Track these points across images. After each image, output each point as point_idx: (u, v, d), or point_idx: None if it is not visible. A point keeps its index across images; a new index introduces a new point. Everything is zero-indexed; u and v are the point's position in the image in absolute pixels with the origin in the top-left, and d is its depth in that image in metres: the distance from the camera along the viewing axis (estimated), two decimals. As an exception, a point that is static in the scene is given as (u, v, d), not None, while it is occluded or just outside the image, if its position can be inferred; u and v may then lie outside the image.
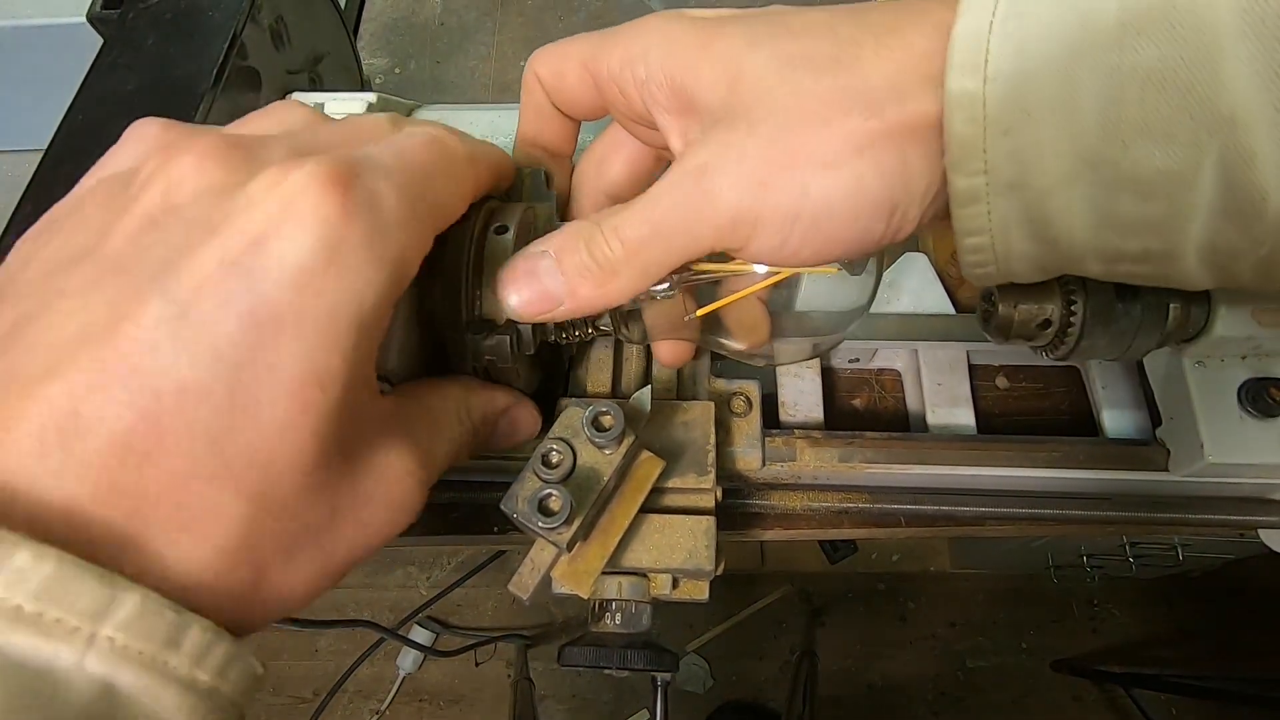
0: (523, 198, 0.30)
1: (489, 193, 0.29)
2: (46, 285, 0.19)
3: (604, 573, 0.31)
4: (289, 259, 0.18)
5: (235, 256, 0.18)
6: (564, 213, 0.33)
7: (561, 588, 0.31)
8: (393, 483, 0.23)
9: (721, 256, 0.26)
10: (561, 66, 0.28)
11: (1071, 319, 0.32)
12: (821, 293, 0.30)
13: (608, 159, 0.30)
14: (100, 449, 0.17)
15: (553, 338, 0.31)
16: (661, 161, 0.31)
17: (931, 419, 0.43)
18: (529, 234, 0.29)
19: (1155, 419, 0.41)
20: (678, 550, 0.32)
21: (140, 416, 0.17)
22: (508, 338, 0.28)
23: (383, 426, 0.23)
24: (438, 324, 0.28)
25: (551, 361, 0.37)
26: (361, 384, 0.21)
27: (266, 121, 0.25)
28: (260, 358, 0.18)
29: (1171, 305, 0.33)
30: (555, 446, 0.29)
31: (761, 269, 0.27)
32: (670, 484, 0.33)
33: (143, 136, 0.22)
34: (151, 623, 0.16)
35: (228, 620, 0.19)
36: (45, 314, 0.18)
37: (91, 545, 0.17)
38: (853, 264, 0.28)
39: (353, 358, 0.20)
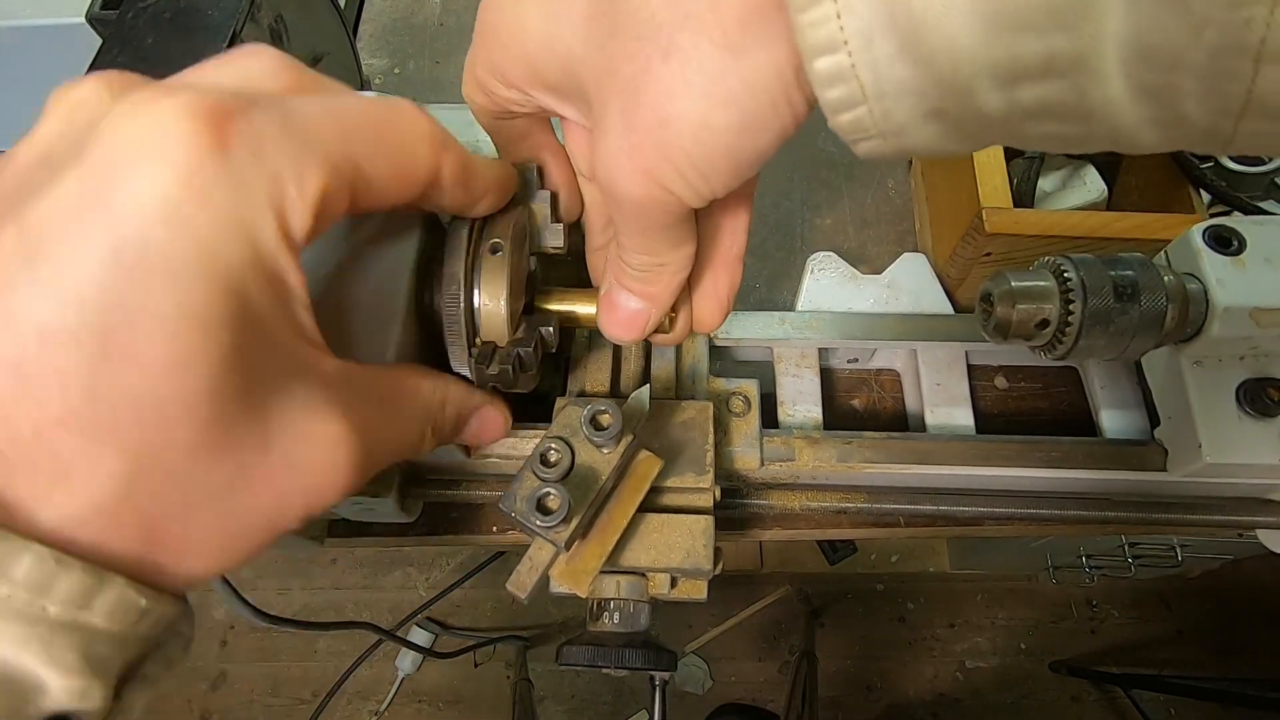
0: (516, 195, 0.30)
1: (478, 204, 0.28)
2: None
3: (602, 572, 0.31)
4: (150, 191, 0.17)
5: (96, 188, 0.17)
6: (568, 205, 0.32)
7: (560, 587, 0.31)
8: (318, 450, 0.21)
9: None
10: (466, 87, 0.28)
11: (1070, 319, 0.32)
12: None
13: (569, 146, 0.30)
14: None
15: (554, 349, 0.31)
16: None
17: (930, 419, 0.43)
18: (524, 240, 0.29)
19: (1153, 419, 0.41)
20: (676, 549, 0.32)
21: (2, 362, 0.16)
22: (509, 367, 0.28)
23: (318, 387, 0.21)
24: (435, 325, 0.28)
25: (549, 361, 0.37)
26: (277, 334, 0.20)
27: (222, 69, 0.23)
28: (130, 301, 0.16)
29: (1170, 305, 0.33)
30: (553, 445, 0.29)
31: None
32: (669, 483, 0.33)
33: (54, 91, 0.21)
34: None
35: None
36: None
37: None
38: None
39: (246, 303, 0.18)
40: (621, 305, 0.28)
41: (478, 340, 0.28)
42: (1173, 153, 0.46)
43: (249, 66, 0.22)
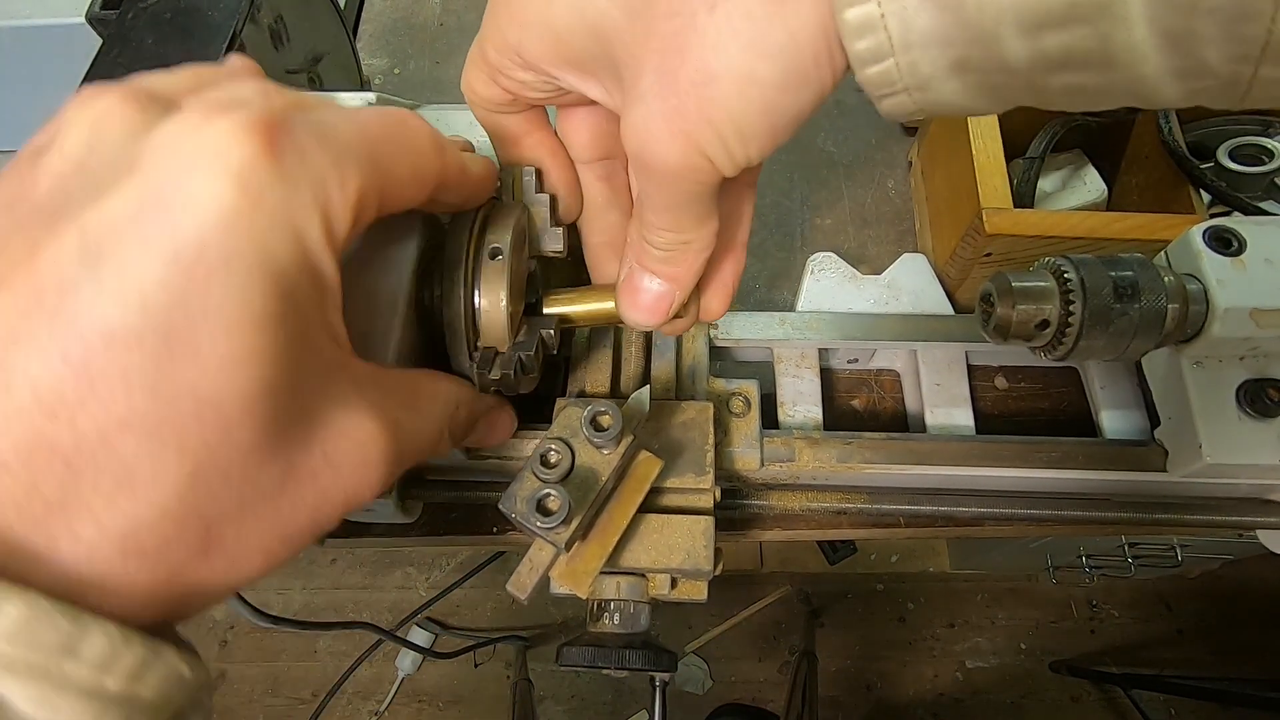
0: (514, 198, 0.30)
1: (470, 201, 0.28)
2: None
3: (602, 573, 0.31)
4: (209, 197, 0.17)
5: (155, 195, 0.17)
6: (567, 207, 0.32)
7: (560, 588, 0.31)
8: (356, 446, 0.22)
9: None
10: (468, 76, 0.27)
11: (1070, 319, 0.32)
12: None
13: (567, 134, 0.30)
14: (25, 403, 0.16)
15: (555, 351, 0.31)
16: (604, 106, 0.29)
17: (930, 419, 0.43)
18: (523, 242, 0.29)
19: (1154, 419, 0.41)
20: (676, 550, 0.32)
21: (67, 365, 0.16)
22: (512, 371, 0.28)
23: (351, 387, 0.22)
24: (435, 326, 0.28)
25: (549, 362, 0.37)
26: (317, 334, 0.20)
27: (226, 85, 0.24)
28: (192, 300, 0.17)
29: (1170, 306, 0.33)
30: (554, 446, 0.29)
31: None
32: (669, 484, 0.33)
33: (69, 102, 0.21)
34: (39, 631, 0.15)
35: (174, 592, 0.18)
36: None
37: (16, 508, 0.16)
38: None
39: (295, 302, 0.19)
40: (644, 288, 0.27)
41: (479, 344, 0.28)
42: (1173, 153, 0.46)
43: (250, 87, 0.23)
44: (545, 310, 0.31)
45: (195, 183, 0.18)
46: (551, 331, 0.30)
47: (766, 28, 0.19)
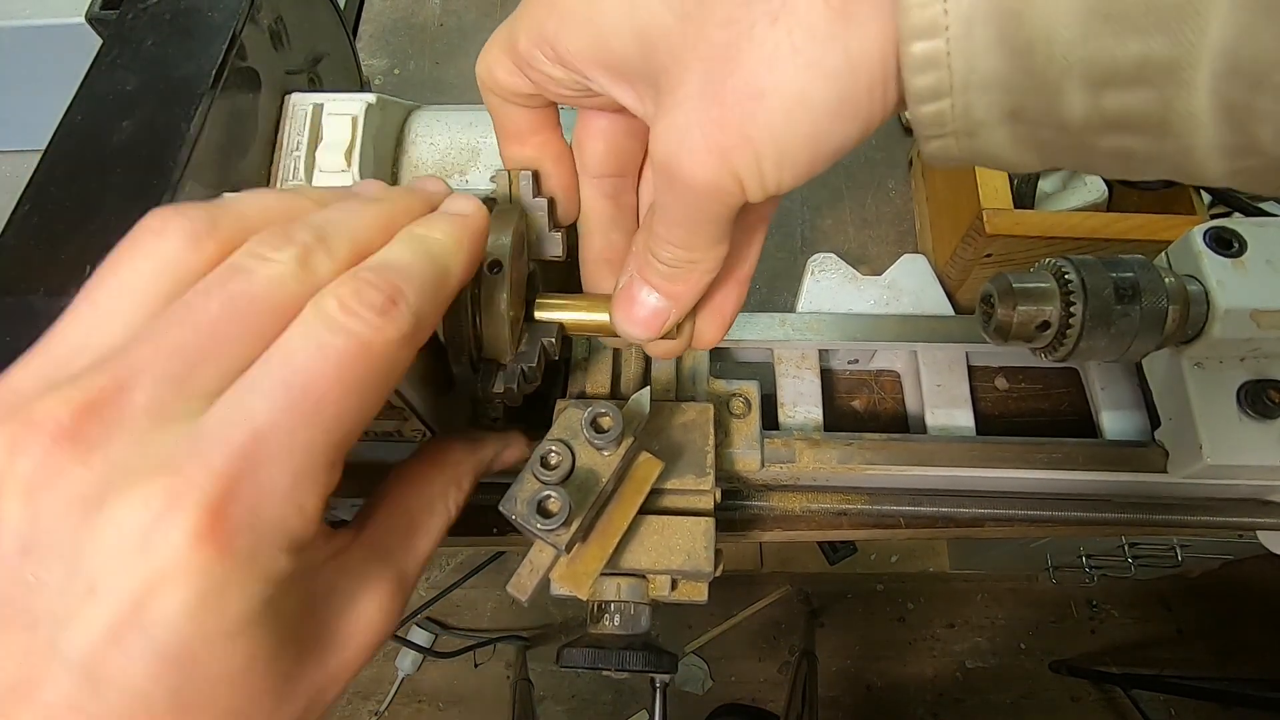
0: (511, 200, 0.30)
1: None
2: None
3: (603, 574, 0.31)
4: (175, 609, 0.17)
5: (124, 618, 0.17)
6: (565, 211, 0.32)
7: (560, 589, 0.31)
8: (367, 627, 0.22)
9: None
10: (490, 59, 0.26)
11: (1070, 321, 0.32)
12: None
13: (581, 142, 0.29)
14: None
15: (556, 357, 0.31)
16: (626, 119, 0.29)
17: (931, 420, 0.43)
18: (523, 248, 0.29)
19: (1154, 420, 0.41)
20: (676, 551, 0.32)
21: None
22: (514, 385, 0.28)
23: (347, 572, 0.22)
24: (436, 338, 0.28)
25: (550, 364, 0.37)
26: (313, 575, 0.21)
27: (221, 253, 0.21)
28: (191, 677, 0.18)
29: (1171, 307, 0.33)
30: (554, 448, 0.29)
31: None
32: (669, 485, 0.33)
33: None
34: None
35: None
36: None
37: None
38: None
39: (282, 599, 0.19)
40: (641, 301, 0.27)
41: (481, 357, 0.28)
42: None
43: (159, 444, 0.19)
44: (536, 315, 0.30)
45: (160, 601, 0.17)
46: (553, 340, 0.29)
47: (828, 48, 0.18)
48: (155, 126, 0.37)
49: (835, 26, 0.18)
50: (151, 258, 0.21)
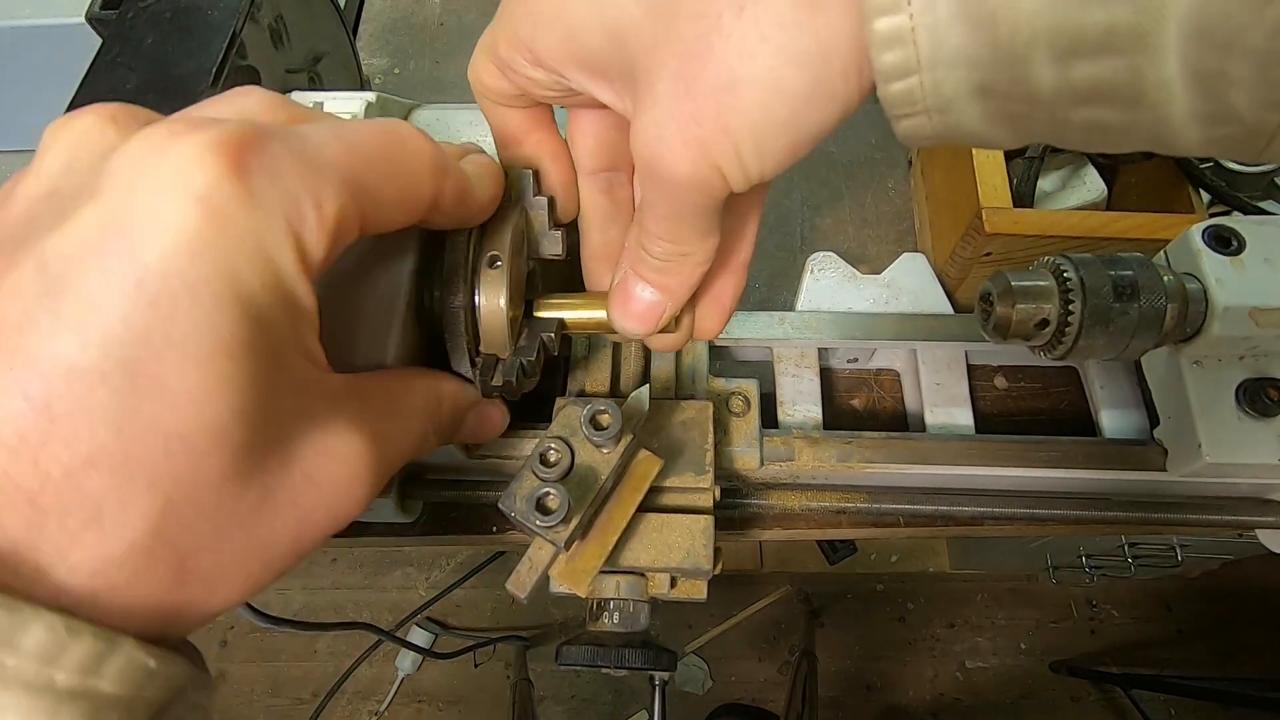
0: (512, 200, 0.30)
1: (470, 221, 0.27)
2: None
3: (602, 572, 0.31)
4: (173, 223, 0.17)
5: (115, 221, 0.17)
6: (565, 208, 0.32)
7: (559, 587, 0.31)
8: (337, 464, 0.21)
9: None
10: (476, 66, 0.27)
11: (1069, 319, 0.32)
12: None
13: (574, 139, 0.29)
14: None
15: (555, 353, 0.31)
16: (613, 113, 0.28)
17: (930, 419, 0.43)
18: (522, 246, 0.29)
19: (1153, 419, 0.41)
20: (676, 549, 0.32)
21: (28, 403, 0.16)
22: (513, 379, 0.28)
23: (327, 404, 0.22)
24: (435, 326, 0.28)
25: (549, 361, 0.37)
26: (291, 356, 0.20)
27: (219, 105, 0.23)
28: (156, 332, 0.16)
29: (1170, 305, 0.33)
30: (553, 445, 0.29)
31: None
32: (668, 483, 0.33)
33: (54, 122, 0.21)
34: None
35: (151, 621, 0.18)
36: None
37: None
38: None
39: (266, 328, 0.18)
40: (636, 296, 0.27)
41: (480, 350, 0.28)
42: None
43: (245, 104, 0.22)
44: (536, 313, 0.30)
45: (157, 207, 0.17)
46: (552, 335, 0.30)
47: (796, 35, 0.19)
48: (155, 125, 0.37)
49: (801, 13, 0.18)
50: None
